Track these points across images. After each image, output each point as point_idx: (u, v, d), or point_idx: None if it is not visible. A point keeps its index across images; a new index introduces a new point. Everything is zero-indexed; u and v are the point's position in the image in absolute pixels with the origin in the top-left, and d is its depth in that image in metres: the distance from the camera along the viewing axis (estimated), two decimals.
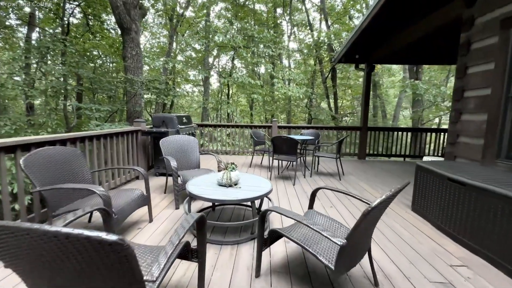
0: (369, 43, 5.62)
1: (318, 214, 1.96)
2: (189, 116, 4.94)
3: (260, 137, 5.47)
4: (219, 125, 6.88)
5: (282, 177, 4.53)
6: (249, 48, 9.87)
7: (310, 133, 5.60)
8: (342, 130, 6.64)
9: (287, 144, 4.08)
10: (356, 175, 4.75)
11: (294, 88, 8.91)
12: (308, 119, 15.80)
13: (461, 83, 3.20)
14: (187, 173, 3.14)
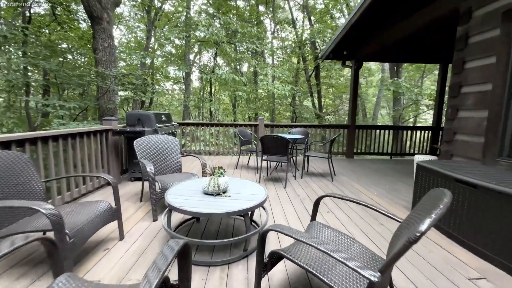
0: (358, 39, 5.47)
1: (323, 227, 1.67)
2: (169, 114, 4.49)
3: (246, 136, 5.13)
4: (201, 124, 6.45)
5: (272, 179, 4.23)
6: (233, 44, 9.47)
7: (299, 131, 5.35)
8: (330, 129, 6.49)
9: (278, 143, 3.78)
10: (347, 175, 4.58)
11: (280, 86, 8.66)
12: (292, 118, 15.72)
13: (458, 79, 3.08)
14: (166, 179, 2.74)
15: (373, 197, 3.39)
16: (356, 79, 6.14)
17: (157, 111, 6.60)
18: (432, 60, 6.46)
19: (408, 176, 4.57)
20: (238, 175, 4.45)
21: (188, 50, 12.23)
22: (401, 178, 4.42)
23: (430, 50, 5.91)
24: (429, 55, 6.14)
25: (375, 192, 3.57)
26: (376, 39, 5.14)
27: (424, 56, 6.22)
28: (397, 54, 6.23)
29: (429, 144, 6.41)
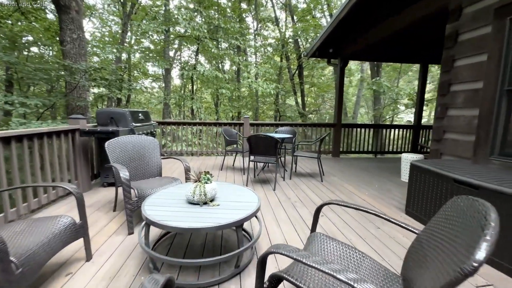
0: (345, 36, 5.41)
1: (327, 240, 1.48)
2: (147, 112, 4.11)
3: (231, 136, 4.87)
4: (183, 123, 6.08)
5: (260, 181, 4.02)
6: (215, 40, 9.12)
7: (286, 131, 5.18)
8: (317, 127, 6.41)
9: (266, 143, 3.57)
10: (336, 175, 4.48)
11: (264, 84, 8.47)
12: (276, 116, 15.64)
13: (447, 77, 3.05)
14: (144, 184, 2.42)
15: (365, 197, 3.30)
16: (342, 77, 6.10)
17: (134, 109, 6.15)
18: (413, 60, 6.59)
19: (395, 174, 4.57)
20: (224, 177, 4.19)
21: (167, 46, 11.66)
22: (389, 177, 4.40)
23: (412, 50, 6.01)
24: (411, 55, 6.25)
25: (366, 193, 3.48)
26: (362, 37, 5.09)
27: (406, 56, 6.32)
28: (381, 54, 6.28)
29: (411, 142, 6.54)
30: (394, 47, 5.92)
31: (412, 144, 6.52)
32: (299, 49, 12.94)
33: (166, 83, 13.97)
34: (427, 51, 5.95)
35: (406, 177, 4.12)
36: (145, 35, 10.61)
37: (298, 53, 12.79)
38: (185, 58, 16.85)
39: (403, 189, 3.67)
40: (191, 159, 5.72)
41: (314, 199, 3.19)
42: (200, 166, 5.05)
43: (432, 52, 5.99)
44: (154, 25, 7.03)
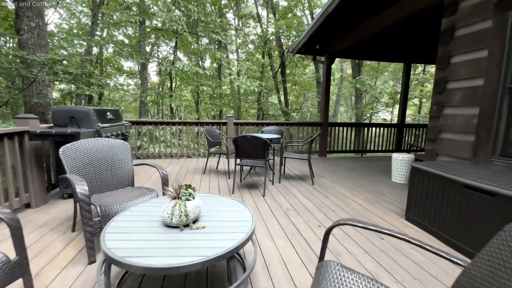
0: (332, 32, 5.22)
1: (344, 271, 1.18)
2: (118, 111, 3.60)
3: (215, 136, 4.49)
4: (161, 122, 5.57)
5: (247, 186, 3.69)
6: (195, 35, 8.60)
7: (273, 130, 4.89)
8: (303, 126, 6.20)
9: (254, 145, 3.25)
10: (327, 177, 4.28)
11: (248, 81, 8.13)
12: (259, 115, 15.36)
13: (443, 74, 2.92)
14: (110, 198, 1.99)
15: (361, 202, 3.10)
16: (329, 75, 5.94)
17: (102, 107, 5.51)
18: (398, 59, 6.60)
19: (384, 174, 4.47)
20: (207, 183, 3.81)
21: (142, 39, 10.87)
22: (379, 177, 4.28)
23: (398, 49, 5.99)
24: (396, 54, 6.24)
25: (360, 196, 3.29)
26: (350, 33, 4.94)
27: (391, 55, 6.30)
28: (367, 52, 6.20)
29: (395, 141, 6.56)
30: (381, 45, 5.86)
31: (397, 143, 6.55)
32: (282, 47, 12.74)
33: (142, 80, 13.09)
34: (412, 49, 5.96)
35: (397, 177, 4.01)
36: (117, 26, 9.78)
37: (281, 50, 12.59)
38: (163, 54, 16.03)
39: (396, 191, 3.53)
40: (170, 162, 5.24)
41: (308, 206, 2.93)
42: (180, 170, 4.61)
43: (417, 51, 6.01)
44: (127, 15, 6.38)
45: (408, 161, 3.87)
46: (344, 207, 2.92)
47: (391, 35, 5.27)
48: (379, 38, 5.46)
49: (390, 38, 5.48)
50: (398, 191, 3.57)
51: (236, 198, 3.16)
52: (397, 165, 3.98)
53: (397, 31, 5.02)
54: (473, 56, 2.60)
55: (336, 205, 2.98)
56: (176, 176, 4.14)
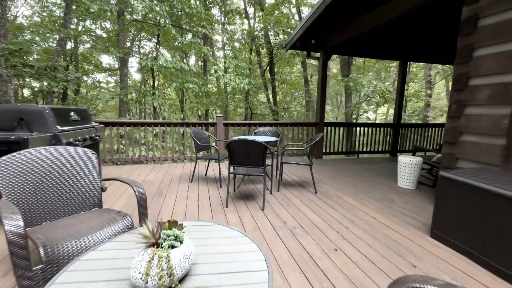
0: (330, 25, 4.85)
1: None
2: (85, 111, 3.00)
3: (204, 139, 3.97)
4: (141, 123, 4.94)
5: (242, 196, 3.22)
6: (179, 28, 7.96)
7: (268, 132, 4.45)
8: (298, 127, 5.80)
9: (252, 150, 2.78)
10: (328, 182, 3.90)
11: (237, 78, 7.63)
12: (246, 114, 14.88)
13: (464, 69, 2.60)
14: (64, 231, 1.46)
15: (373, 214, 2.72)
16: (325, 72, 5.57)
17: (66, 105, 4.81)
18: (394, 57, 6.36)
19: (388, 178, 4.16)
20: (196, 194, 3.29)
21: (121, 32, 10.02)
22: (383, 182, 3.96)
23: (395, 46, 5.74)
24: (393, 51, 6.00)
25: (371, 207, 2.92)
26: (349, 27, 4.60)
27: (388, 52, 6.05)
28: (364, 49, 5.90)
29: (391, 141, 6.34)
30: (378, 42, 5.58)
31: (393, 143, 6.33)
32: (270, 44, 12.33)
33: (122, 77, 12.18)
34: (409, 47, 5.73)
35: (404, 182, 3.70)
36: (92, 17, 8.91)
37: (269, 47, 12.18)
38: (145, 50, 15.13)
39: (408, 199, 3.20)
40: (152, 168, 4.65)
41: (316, 221, 2.51)
42: (163, 178, 4.05)
43: (414, 49, 5.80)
44: (100, 1, 5.65)
45: (416, 165, 3.56)
46: (357, 221, 2.53)
47: (388, 31, 5.02)
48: (376, 35, 5.19)
49: (387, 34, 5.22)
50: (409, 198, 3.24)
51: (231, 213, 2.69)
52: (404, 169, 3.67)
53: (394, 28, 4.78)
54: (502, 48, 2.28)
55: (346, 219, 2.59)
56: (158, 186, 3.58)
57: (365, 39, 5.41)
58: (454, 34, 5.19)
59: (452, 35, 5.19)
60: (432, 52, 5.92)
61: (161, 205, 2.87)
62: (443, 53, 6.02)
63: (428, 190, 3.59)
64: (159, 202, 2.98)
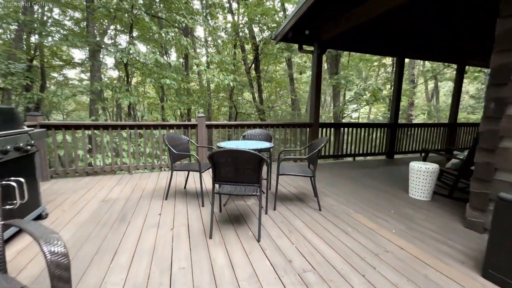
0: (325, 13, 4.27)
1: None
2: (11, 111, 2.17)
3: (181, 145, 3.23)
4: (104, 125, 4.08)
5: (230, 218, 2.54)
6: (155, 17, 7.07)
7: (259, 135, 3.79)
8: (291, 128, 5.20)
9: (243, 164, 2.11)
10: (330, 194, 3.32)
11: (221, 74, 6.90)
12: (230, 114, 14.15)
13: (506, 59, 2.10)
14: None
15: (397, 240, 2.16)
16: (319, 67, 5.01)
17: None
18: (390, 53, 5.96)
19: (393, 185, 3.67)
20: (171, 217, 2.57)
21: (90, 21, 8.88)
22: (391, 190, 3.46)
23: (390, 40, 5.31)
24: (389, 46, 5.56)
25: (393, 230, 2.36)
26: (343, 19, 4.09)
27: (383, 47, 5.61)
28: (359, 43, 5.41)
29: (388, 143, 5.93)
30: (374, 36, 5.12)
31: (390, 145, 5.92)
32: (255, 39, 11.68)
33: (92, 72, 10.97)
34: (405, 41, 5.31)
35: (417, 193, 3.20)
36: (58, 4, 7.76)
37: (255, 43, 11.52)
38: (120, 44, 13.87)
39: (428, 214, 2.69)
40: (119, 180, 3.83)
41: (330, 257, 1.89)
42: (132, 193, 3.26)
43: (410, 43, 5.39)
44: None
45: (432, 173, 3.07)
46: (382, 254, 1.95)
47: (384, 24, 4.59)
48: (373, 28, 4.74)
49: (383, 27, 4.77)
50: (430, 214, 2.73)
51: (216, 248, 2.00)
52: (418, 177, 3.17)
53: (390, 20, 4.39)
54: None
55: (368, 250, 2.00)
56: (123, 207, 2.81)
57: (361, 32, 4.93)
58: (453, 31, 4.86)
59: (451, 32, 4.85)
60: (430, 47, 5.56)
61: (120, 239, 2.12)
62: (443, 51, 5.70)
63: (445, 202, 3.12)
64: (119, 233, 2.23)
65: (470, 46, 5.39)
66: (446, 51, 5.71)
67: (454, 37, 5.01)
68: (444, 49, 5.57)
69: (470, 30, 4.63)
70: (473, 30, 4.62)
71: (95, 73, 10.92)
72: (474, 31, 4.63)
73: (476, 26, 4.44)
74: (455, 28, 4.62)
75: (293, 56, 13.82)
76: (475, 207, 2.36)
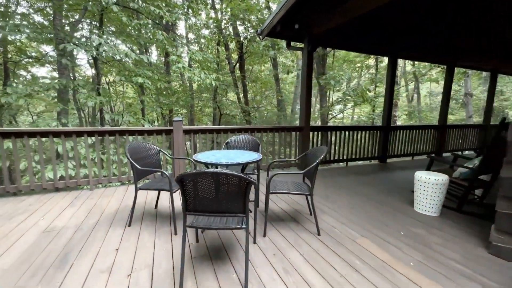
0: (318, 5, 3.84)
1: None
2: None
3: (148, 157, 2.64)
4: (54, 132, 3.36)
5: (209, 251, 2.00)
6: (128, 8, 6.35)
7: (245, 142, 3.27)
8: (280, 132, 4.72)
9: (224, 188, 1.58)
10: (328, 210, 2.87)
11: (202, 73, 6.30)
12: (214, 115, 13.50)
13: None
14: None
15: (420, 279, 1.72)
16: (310, 65, 4.58)
17: None
18: (383, 52, 5.64)
19: (394, 195, 3.29)
20: (131, 253, 1.98)
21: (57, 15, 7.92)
22: (393, 203, 3.07)
23: (382, 39, 4.99)
24: (381, 45, 5.25)
25: (410, 263, 1.93)
26: (336, 13, 3.69)
27: (376, 45, 5.29)
28: (351, 42, 5.05)
29: (380, 146, 5.63)
30: (366, 34, 4.78)
31: (382, 148, 5.62)
32: (239, 36, 11.16)
33: (60, 70, 9.90)
34: (399, 39, 5.02)
35: (425, 207, 2.83)
36: None
37: (239, 40, 11.00)
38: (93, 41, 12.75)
39: (443, 237, 2.29)
40: (74, 198, 3.15)
41: None
42: (87, 216, 2.62)
43: (404, 41, 5.10)
44: None
45: (442, 185, 2.70)
46: None
47: (378, 21, 4.26)
48: (367, 25, 4.40)
49: (377, 25, 4.45)
50: (444, 235, 2.35)
51: None
52: (425, 190, 2.79)
53: (383, 17, 4.05)
54: None
55: None
56: (69, 240, 2.17)
57: (355, 29, 4.59)
58: (448, 28, 4.62)
59: (445, 30, 4.61)
60: (423, 46, 5.30)
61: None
62: (436, 50, 5.47)
63: (455, 217, 2.76)
64: (53, 285, 1.62)
65: (465, 43, 5.18)
66: (440, 50, 5.50)
67: (447, 35, 4.77)
68: (440, 47, 5.34)
69: (464, 28, 4.41)
70: (466, 28, 4.40)
71: (63, 70, 9.88)
72: (467, 28, 4.41)
73: (469, 23, 4.22)
74: (449, 26, 4.37)
75: (278, 55, 13.44)
76: (503, 230, 1.99)
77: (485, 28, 4.41)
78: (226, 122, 14.55)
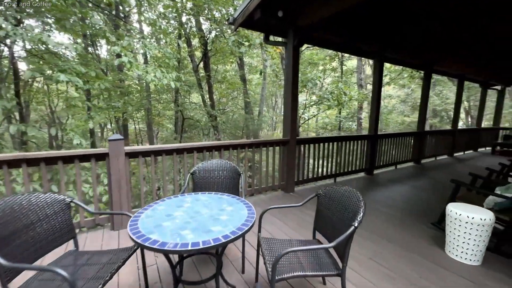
0: None
1: None
2: None
3: (30, 227, 1.44)
4: None
5: None
6: None
7: (219, 170, 2.23)
8: (261, 147, 3.75)
9: None
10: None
11: (158, 71, 5.03)
12: (177, 118, 12.01)
13: None
14: None
15: None
16: (296, 63, 3.71)
17: None
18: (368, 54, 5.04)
19: (409, 231, 2.59)
20: None
21: None
22: (416, 246, 2.35)
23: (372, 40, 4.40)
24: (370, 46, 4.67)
25: None
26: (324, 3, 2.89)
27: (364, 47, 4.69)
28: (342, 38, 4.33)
29: (367, 158, 5.06)
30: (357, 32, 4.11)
31: (370, 159, 5.06)
32: (203, 32, 9.96)
33: None
34: (387, 40, 4.48)
35: (462, 254, 2.14)
36: None
37: (203, 35, 9.80)
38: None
39: None
40: None
41: None
42: None
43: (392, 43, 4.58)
44: None
45: (489, 225, 2.04)
46: None
47: (364, 20, 3.62)
48: (353, 23, 3.73)
49: (363, 24, 3.82)
50: None
51: None
52: (464, 231, 2.10)
53: (369, 16, 3.41)
54: None
55: None
56: None
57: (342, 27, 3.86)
58: (426, 32, 4.15)
59: (424, 34, 4.19)
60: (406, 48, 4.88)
61: None
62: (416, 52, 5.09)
63: (500, 265, 2.13)
64: None
65: (440, 48, 4.87)
66: (417, 53, 5.14)
67: (424, 38, 4.37)
68: (417, 49, 4.96)
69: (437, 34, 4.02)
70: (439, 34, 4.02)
71: None
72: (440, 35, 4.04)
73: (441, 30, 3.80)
74: (425, 29, 3.95)
75: (244, 55, 12.47)
76: None
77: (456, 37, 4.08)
78: (190, 126, 13.11)
